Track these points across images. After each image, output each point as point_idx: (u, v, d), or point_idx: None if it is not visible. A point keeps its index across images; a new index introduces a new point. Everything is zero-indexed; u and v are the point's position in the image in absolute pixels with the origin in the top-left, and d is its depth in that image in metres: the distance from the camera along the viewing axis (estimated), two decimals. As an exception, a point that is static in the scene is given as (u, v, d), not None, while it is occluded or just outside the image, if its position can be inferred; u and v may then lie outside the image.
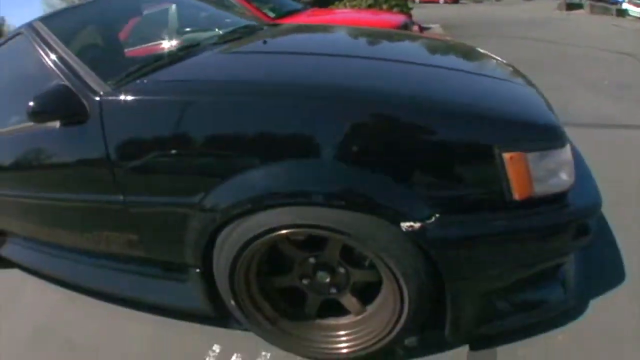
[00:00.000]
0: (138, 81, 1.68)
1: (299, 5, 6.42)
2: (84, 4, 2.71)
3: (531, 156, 1.28)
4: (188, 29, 2.63)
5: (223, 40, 2.22)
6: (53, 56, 1.84)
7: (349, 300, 1.58)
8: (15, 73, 2.25)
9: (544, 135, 1.37)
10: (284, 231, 1.38)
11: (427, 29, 9.50)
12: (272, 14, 5.30)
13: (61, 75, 1.75)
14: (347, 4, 8.48)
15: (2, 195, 2.22)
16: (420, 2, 25.71)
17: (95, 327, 2.06)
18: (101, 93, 1.64)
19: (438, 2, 27.30)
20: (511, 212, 1.32)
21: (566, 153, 1.38)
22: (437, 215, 1.28)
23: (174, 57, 1.97)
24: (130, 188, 1.59)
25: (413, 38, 2.72)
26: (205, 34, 2.46)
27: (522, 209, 1.32)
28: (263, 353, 1.72)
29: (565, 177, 1.37)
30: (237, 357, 1.75)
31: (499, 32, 8.94)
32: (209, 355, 1.78)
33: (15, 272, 2.65)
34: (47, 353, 1.96)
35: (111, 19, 2.57)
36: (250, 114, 1.41)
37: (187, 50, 2.04)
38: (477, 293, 1.43)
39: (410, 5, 9.62)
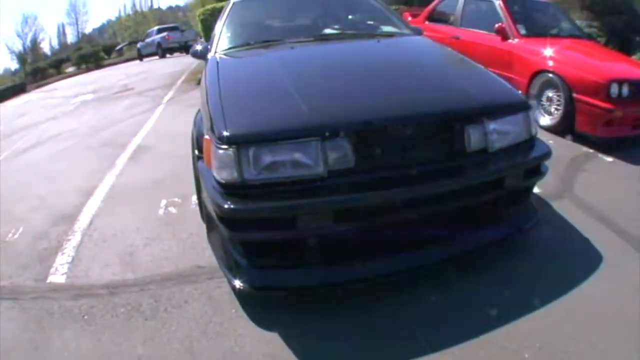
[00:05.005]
0: (234, 52, 3.20)
1: (574, 32, 6.13)
2: None
3: (213, 145, 2.02)
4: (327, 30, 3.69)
5: (313, 39, 3.37)
6: (217, 25, 3.62)
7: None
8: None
9: (217, 137, 2.01)
10: None
11: None
12: (523, 31, 5.59)
13: (212, 39, 3.47)
14: None
15: None
16: None
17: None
18: (216, 54, 3.18)
19: None
20: None
21: (220, 155, 1.97)
22: None
23: (263, 45, 3.26)
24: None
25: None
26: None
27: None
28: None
29: (224, 172, 1.98)
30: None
31: None
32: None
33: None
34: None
35: (269, 9, 4.07)
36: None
37: (272, 43, 3.29)
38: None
39: None
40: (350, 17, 3.99)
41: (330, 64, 2.93)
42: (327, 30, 3.59)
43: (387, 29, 3.72)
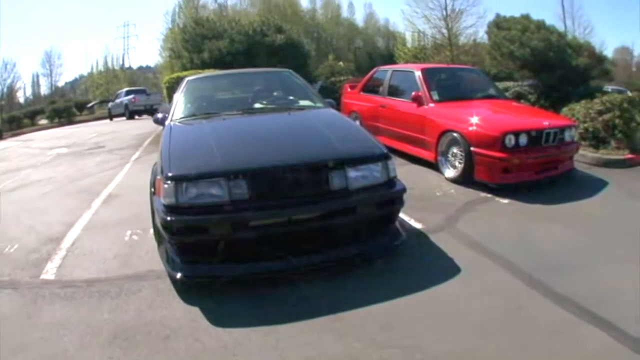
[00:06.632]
0: (183, 121, 4.55)
1: (490, 93, 7.22)
2: (210, 75, 5.99)
3: (162, 182, 3.24)
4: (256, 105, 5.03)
5: (242, 112, 4.72)
6: (174, 97, 4.95)
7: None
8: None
9: (164, 177, 3.25)
10: None
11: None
12: (436, 97, 6.59)
13: (169, 108, 4.80)
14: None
15: None
16: None
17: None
18: (171, 122, 4.55)
19: None
20: None
21: (165, 188, 3.19)
22: None
23: (205, 116, 4.59)
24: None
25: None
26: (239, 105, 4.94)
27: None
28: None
29: (167, 199, 3.19)
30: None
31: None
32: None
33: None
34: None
35: (214, 86, 5.52)
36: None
37: (211, 115, 4.61)
38: None
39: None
40: (275, 93, 5.37)
41: (246, 131, 4.26)
42: (257, 105, 4.97)
43: (303, 102, 5.10)
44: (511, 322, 2.88)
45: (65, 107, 26.93)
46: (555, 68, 12.01)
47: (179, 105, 4.87)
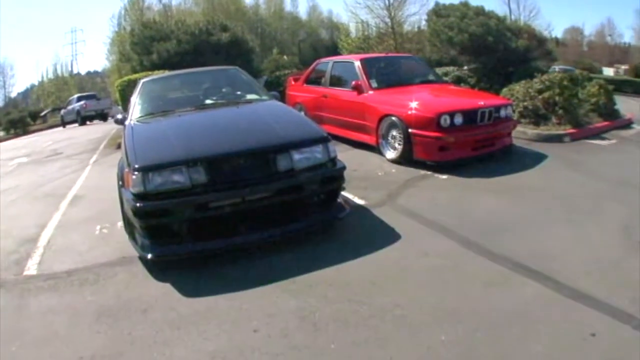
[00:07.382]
0: (142, 119, 4.95)
1: (428, 78, 7.66)
2: (163, 76, 6.36)
3: (130, 174, 3.62)
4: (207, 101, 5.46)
5: (195, 108, 5.15)
6: (131, 99, 5.34)
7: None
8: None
9: (132, 169, 3.65)
10: None
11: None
12: (375, 85, 6.98)
13: (128, 109, 5.19)
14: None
15: None
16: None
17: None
18: (131, 121, 4.95)
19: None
20: None
21: (133, 178, 3.57)
22: None
23: (162, 114, 5.00)
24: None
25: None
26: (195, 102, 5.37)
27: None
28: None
29: (135, 188, 3.60)
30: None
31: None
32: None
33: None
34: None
35: (168, 86, 5.94)
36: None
37: (167, 112, 5.02)
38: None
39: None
40: (224, 90, 5.79)
41: (200, 124, 4.68)
42: (208, 101, 5.42)
43: (250, 96, 5.56)
44: (449, 277, 3.27)
45: (20, 117, 26.78)
46: (495, 51, 12.40)
47: (137, 105, 5.26)
